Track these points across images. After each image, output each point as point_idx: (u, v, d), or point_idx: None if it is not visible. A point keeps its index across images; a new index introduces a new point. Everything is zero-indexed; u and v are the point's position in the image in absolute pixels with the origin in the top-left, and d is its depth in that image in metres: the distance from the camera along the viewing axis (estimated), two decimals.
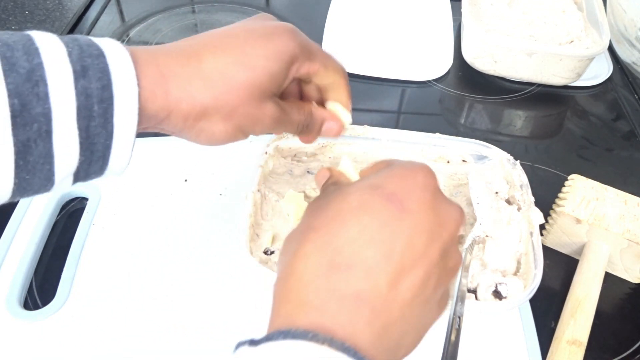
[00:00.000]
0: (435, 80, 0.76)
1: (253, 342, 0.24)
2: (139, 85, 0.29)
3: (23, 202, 0.54)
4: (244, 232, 0.47)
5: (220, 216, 0.55)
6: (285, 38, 0.34)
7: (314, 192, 0.53)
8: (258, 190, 0.51)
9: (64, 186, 0.30)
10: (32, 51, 0.27)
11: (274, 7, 0.89)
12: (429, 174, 0.29)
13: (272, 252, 0.48)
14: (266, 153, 0.54)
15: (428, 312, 0.27)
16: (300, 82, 0.39)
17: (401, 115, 0.72)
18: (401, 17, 0.85)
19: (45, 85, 0.27)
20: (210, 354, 0.45)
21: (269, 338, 0.24)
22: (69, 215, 0.56)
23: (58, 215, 0.55)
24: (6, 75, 0.26)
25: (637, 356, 0.49)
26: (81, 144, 0.28)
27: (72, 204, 0.57)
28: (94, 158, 0.29)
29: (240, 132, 0.34)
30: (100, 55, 0.28)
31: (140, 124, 0.30)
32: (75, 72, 0.27)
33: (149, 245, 0.52)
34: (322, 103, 0.40)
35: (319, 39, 0.78)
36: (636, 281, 0.54)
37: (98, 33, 0.81)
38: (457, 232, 0.29)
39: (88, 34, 0.81)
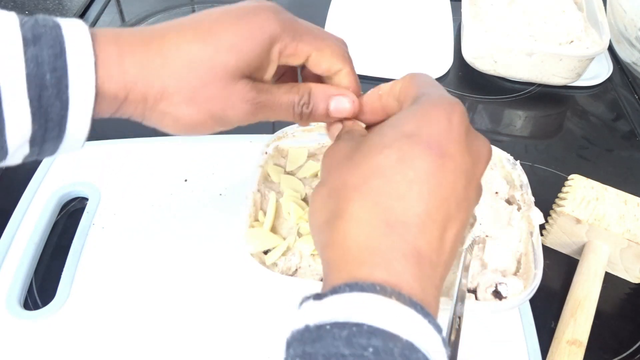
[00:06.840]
0: (435, 80, 0.76)
1: (318, 296, 0.24)
2: (96, 61, 0.28)
3: (23, 202, 0.54)
4: (244, 232, 0.47)
5: (220, 216, 0.55)
6: (263, 16, 0.32)
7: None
8: (258, 190, 0.51)
9: (20, 154, 0.29)
10: None
11: None
12: (462, 111, 0.28)
13: None
14: (266, 153, 0.53)
15: (460, 241, 0.28)
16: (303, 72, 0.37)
17: None
18: (401, 17, 0.85)
19: None
20: (210, 353, 0.45)
21: (334, 291, 0.23)
22: (69, 215, 0.56)
23: (58, 215, 0.55)
24: None
25: (637, 356, 0.49)
26: (33, 113, 0.27)
27: (72, 204, 0.57)
28: (49, 126, 0.28)
29: (212, 119, 0.31)
30: (55, 26, 0.27)
31: (101, 106, 0.29)
32: (25, 39, 0.26)
33: (149, 245, 0.52)
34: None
35: None
36: (636, 281, 0.54)
37: None
38: (486, 167, 0.29)
39: None
